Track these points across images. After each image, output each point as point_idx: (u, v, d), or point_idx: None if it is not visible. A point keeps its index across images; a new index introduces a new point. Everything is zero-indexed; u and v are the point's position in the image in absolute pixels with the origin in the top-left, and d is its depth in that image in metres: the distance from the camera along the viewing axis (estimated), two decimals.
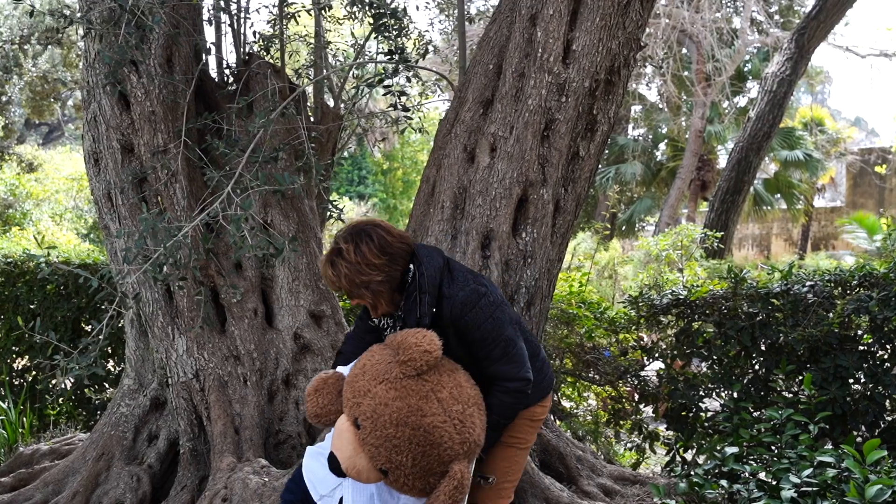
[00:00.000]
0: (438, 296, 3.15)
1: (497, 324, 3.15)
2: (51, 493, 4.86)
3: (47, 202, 18.27)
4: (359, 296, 3.17)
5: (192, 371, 4.74)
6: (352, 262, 3.08)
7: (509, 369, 3.17)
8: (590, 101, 4.72)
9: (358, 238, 3.10)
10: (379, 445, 2.88)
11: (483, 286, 3.21)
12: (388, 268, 3.11)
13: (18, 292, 6.84)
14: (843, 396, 5.14)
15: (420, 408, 2.90)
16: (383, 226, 3.19)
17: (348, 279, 3.10)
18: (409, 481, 2.92)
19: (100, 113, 4.82)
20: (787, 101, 13.13)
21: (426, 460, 2.88)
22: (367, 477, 2.95)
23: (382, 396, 2.92)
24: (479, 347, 3.17)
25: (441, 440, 2.90)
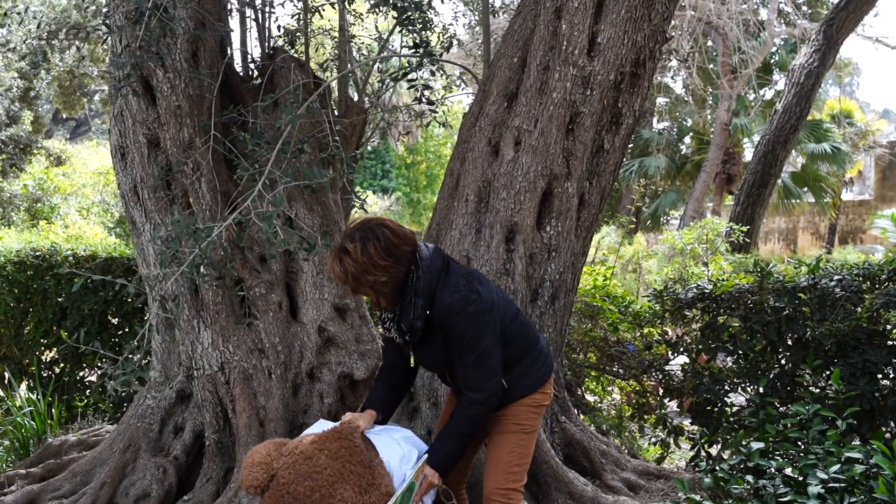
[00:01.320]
0: (433, 297, 3.27)
1: (477, 333, 3.27)
2: (79, 483, 4.91)
3: (74, 196, 18.44)
4: (363, 292, 3.33)
5: (218, 364, 4.77)
6: (358, 262, 3.19)
7: (476, 378, 3.30)
8: (615, 94, 4.71)
9: (365, 238, 3.21)
10: None
11: (474, 292, 3.30)
12: (393, 269, 3.23)
13: (46, 286, 6.92)
14: (872, 392, 5.08)
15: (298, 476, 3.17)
16: (390, 226, 3.28)
17: (354, 277, 3.23)
18: None
19: (126, 108, 4.85)
20: (815, 93, 13.00)
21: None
22: None
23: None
24: (456, 350, 3.30)
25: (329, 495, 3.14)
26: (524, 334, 3.51)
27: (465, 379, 3.33)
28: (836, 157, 20.73)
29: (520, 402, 3.47)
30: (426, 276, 3.26)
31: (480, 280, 3.42)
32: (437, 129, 28.70)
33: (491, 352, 3.30)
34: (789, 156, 15.56)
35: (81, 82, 18.59)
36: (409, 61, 4.93)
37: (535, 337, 3.59)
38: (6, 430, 6.19)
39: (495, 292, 3.45)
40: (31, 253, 7.05)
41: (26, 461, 5.58)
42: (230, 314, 4.77)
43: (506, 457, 3.48)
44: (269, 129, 4.79)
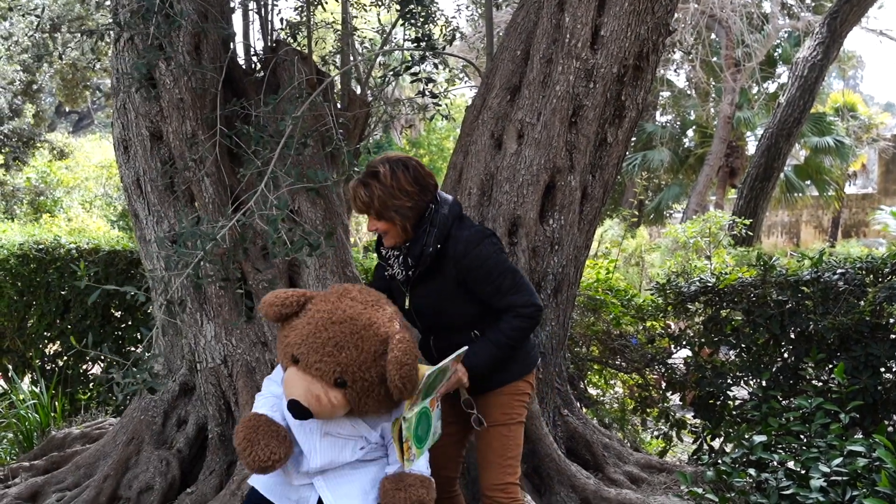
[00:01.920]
0: (447, 236, 3.31)
1: (502, 259, 3.33)
2: (82, 476, 4.92)
3: (77, 189, 18.49)
4: (388, 218, 3.30)
5: (221, 357, 4.77)
6: (386, 186, 3.24)
7: (520, 297, 3.32)
8: (618, 87, 4.71)
9: (395, 164, 3.27)
10: (322, 357, 2.95)
11: (489, 230, 3.42)
12: (418, 197, 3.29)
13: (50, 279, 6.94)
14: (875, 385, 5.09)
15: (337, 307, 3.04)
16: (417, 161, 3.37)
17: (381, 201, 3.25)
18: (364, 373, 2.96)
19: (129, 101, 4.85)
20: (819, 86, 12.96)
21: (367, 343, 2.97)
22: (329, 399, 2.95)
23: (301, 324, 3.04)
24: (485, 283, 3.30)
25: (370, 321, 3.02)
26: None
27: (509, 305, 3.31)
28: (840, 150, 20.71)
29: (503, 390, 3.46)
30: (443, 212, 3.32)
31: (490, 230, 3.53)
32: (439, 123, 28.68)
33: (519, 271, 3.37)
34: (792, 149, 15.53)
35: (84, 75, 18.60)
36: (412, 54, 4.92)
37: None
38: (10, 423, 6.21)
39: None
40: (34, 246, 7.06)
41: (30, 454, 5.60)
42: (233, 308, 4.77)
43: (497, 450, 3.47)
44: (272, 122, 4.79)
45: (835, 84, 34.34)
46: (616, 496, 4.39)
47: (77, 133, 31.29)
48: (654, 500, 4.44)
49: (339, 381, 2.96)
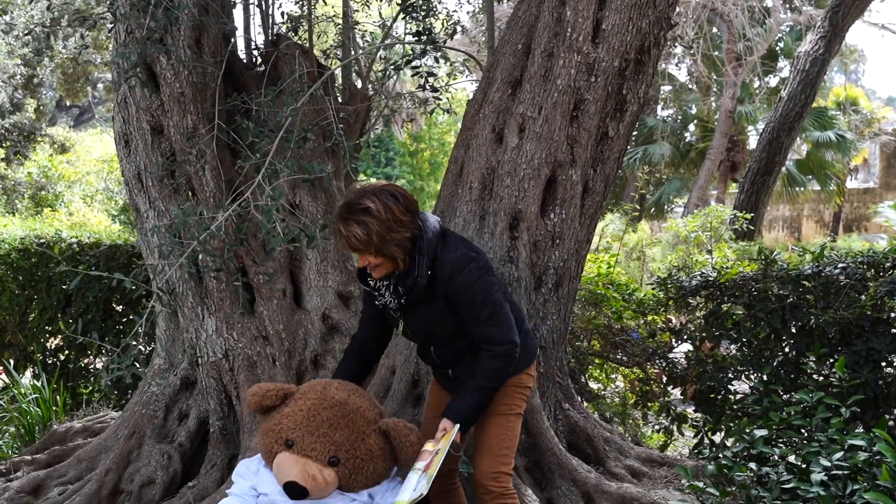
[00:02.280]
0: (433, 259, 3.28)
1: (485, 286, 3.29)
2: (84, 469, 4.94)
3: (79, 184, 18.50)
4: (387, 253, 3.26)
5: (222, 351, 4.79)
6: (382, 220, 3.16)
7: (496, 331, 3.31)
8: (619, 81, 4.70)
9: (383, 196, 3.20)
10: (317, 438, 3.24)
11: (474, 251, 3.36)
12: (412, 225, 3.26)
13: (51, 273, 6.94)
14: (876, 380, 5.09)
15: (325, 395, 3.35)
16: (397, 187, 3.31)
17: (379, 236, 3.19)
18: (355, 451, 3.26)
19: (130, 95, 4.85)
20: (820, 80, 12.94)
21: (357, 424, 3.29)
22: (323, 477, 3.20)
23: (293, 412, 3.32)
24: (467, 308, 3.31)
25: (357, 405, 3.34)
26: (514, 310, 3.53)
27: (484, 336, 3.32)
28: (841, 144, 20.68)
29: (507, 381, 3.46)
30: (428, 236, 3.28)
31: (474, 246, 3.50)
32: (440, 117, 28.69)
33: (503, 304, 3.33)
34: (794, 143, 15.52)
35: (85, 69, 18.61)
36: (413, 48, 4.92)
37: (521, 316, 3.63)
38: (11, 417, 6.23)
39: (489, 261, 3.49)
40: (35, 240, 7.07)
41: (32, 447, 5.62)
42: (234, 302, 4.78)
43: (495, 439, 3.50)
44: (272, 117, 4.79)
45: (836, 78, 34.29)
46: (617, 490, 4.39)
47: (78, 127, 31.30)
48: (654, 494, 4.40)
49: (332, 461, 3.24)
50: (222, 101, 4.81)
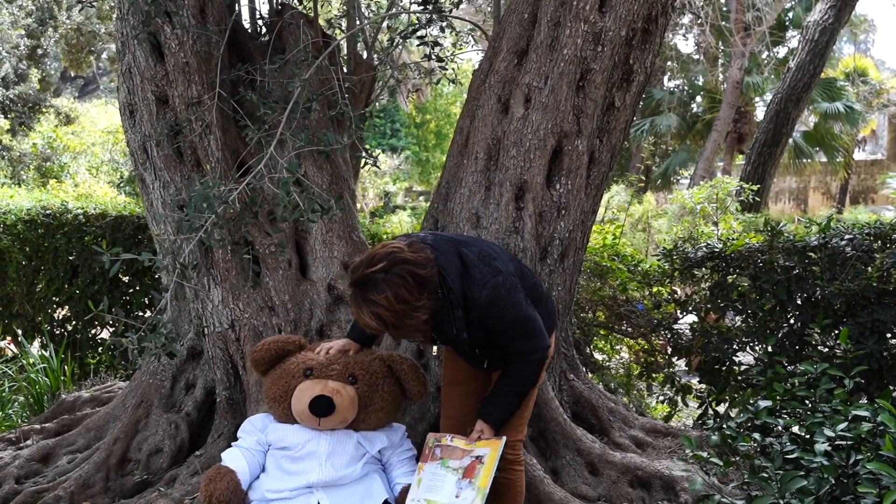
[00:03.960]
0: (464, 299, 3.18)
1: (517, 308, 3.26)
2: (93, 438, 4.99)
3: (84, 155, 18.51)
4: (410, 337, 3.35)
5: (228, 321, 4.80)
6: (395, 311, 3.02)
7: (531, 345, 3.33)
8: (626, 51, 4.68)
9: (393, 284, 3.00)
10: (332, 361, 3.56)
11: (498, 274, 3.24)
12: (429, 300, 3.09)
13: (58, 244, 6.97)
14: (880, 351, 5.10)
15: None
16: (409, 258, 3.06)
17: (394, 326, 3.09)
18: (369, 368, 3.60)
19: (134, 64, 4.83)
20: (829, 50, 12.86)
21: (365, 351, 3.71)
22: (346, 392, 3.47)
23: (304, 353, 3.72)
24: (502, 335, 3.29)
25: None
26: (534, 290, 3.53)
27: (518, 351, 3.34)
28: (850, 116, 20.57)
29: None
30: (455, 284, 3.14)
31: (493, 255, 3.34)
32: (446, 88, 28.58)
33: (534, 317, 3.32)
34: (801, 115, 15.43)
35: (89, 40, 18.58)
36: (419, 18, 4.90)
37: (537, 285, 3.62)
38: (20, 387, 6.28)
39: (503, 258, 3.43)
40: (41, 211, 7.09)
41: (41, 416, 5.67)
42: (240, 273, 4.79)
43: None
44: (277, 87, 4.78)
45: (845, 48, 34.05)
46: (621, 460, 4.44)
47: (83, 98, 31.27)
48: (658, 464, 4.46)
49: (350, 379, 3.52)
50: (226, 71, 4.80)
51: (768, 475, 3.22)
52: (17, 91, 20.78)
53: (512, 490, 3.63)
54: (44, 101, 21.91)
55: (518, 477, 3.65)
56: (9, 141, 19.22)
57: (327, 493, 3.39)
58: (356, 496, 3.43)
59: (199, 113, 4.71)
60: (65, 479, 4.55)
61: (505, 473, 3.56)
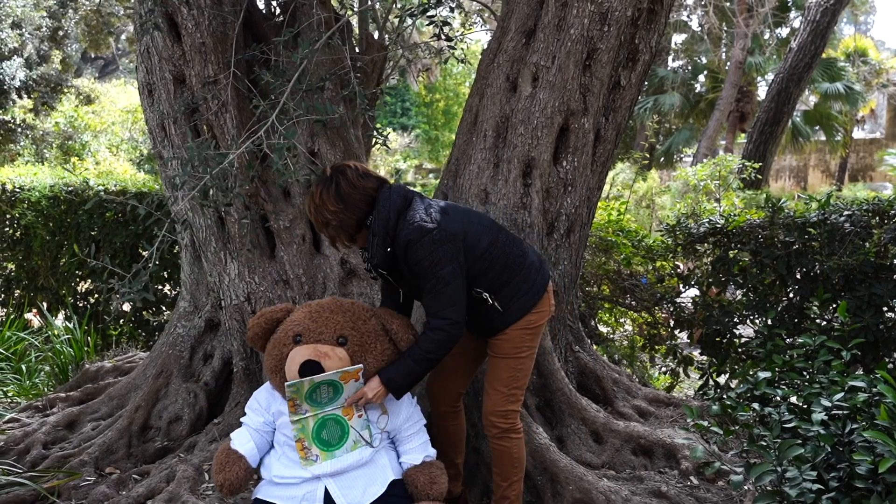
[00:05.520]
0: (394, 235, 3.40)
1: (436, 261, 3.34)
2: (115, 406, 5.11)
3: (104, 134, 18.61)
4: (323, 232, 3.54)
5: (244, 294, 4.88)
6: (316, 204, 3.46)
7: (434, 305, 3.38)
8: (632, 31, 4.72)
9: (327, 182, 3.45)
10: (323, 324, 3.45)
11: (431, 222, 3.38)
12: (344, 214, 3.43)
13: (80, 220, 7.09)
14: (877, 324, 5.18)
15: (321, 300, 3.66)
16: (348, 175, 3.46)
17: (313, 216, 3.51)
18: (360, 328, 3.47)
19: (152, 45, 4.89)
20: (830, 31, 12.87)
21: (356, 310, 3.53)
22: (335, 354, 3.37)
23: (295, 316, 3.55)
24: (417, 278, 3.42)
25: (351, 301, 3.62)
26: (505, 256, 3.55)
27: (426, 306, 3.42)
28: (849, 96, 20.55)
29: (514, 326, 3.57)
30: (381, 216, 3.39)
31: (445, 211, 3.48)
32: (455, 68, 28.50)
33: (449, 280, 3.35)
34: (802, 94, 15.44)
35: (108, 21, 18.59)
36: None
37: (520, 255, 3.61)
38: (46, 357, 6.42)
39: (463, 221, 3.49)
40: (64, 188, 7.20)
41: (66, 385, 5.79)
42: (255, 246, 4.89)
43: (505, 380, 3.62)
44: (290, 66, 4.85)
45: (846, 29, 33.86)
46: (624, 428, 4.53)
47: (103, 79, 31.25)
48: (661, 433, 4.52)
49: (340, 340, 3.42)
50: (242, 51, 4.86)
51: (767, 443, 3.29)
52: (39, 72, 20.79)
53: (508, 458, 3.70)
54: (65, 81, 21.89)
55: (514, 445, 3.69)
56: (32, 120, 19.30)
57: (335, 480, 3.40)
58: (362, 480, 3.43)
59: (215, 92, 4.77)
60: (89, 444, 4.68)
61: (500, 441, 3.67)
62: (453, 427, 3.91)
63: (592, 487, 3.94)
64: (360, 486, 3.40)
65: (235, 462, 3.39)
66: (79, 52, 28.23)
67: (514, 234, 3.74)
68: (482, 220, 3.63)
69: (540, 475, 4.13)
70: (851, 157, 27.97)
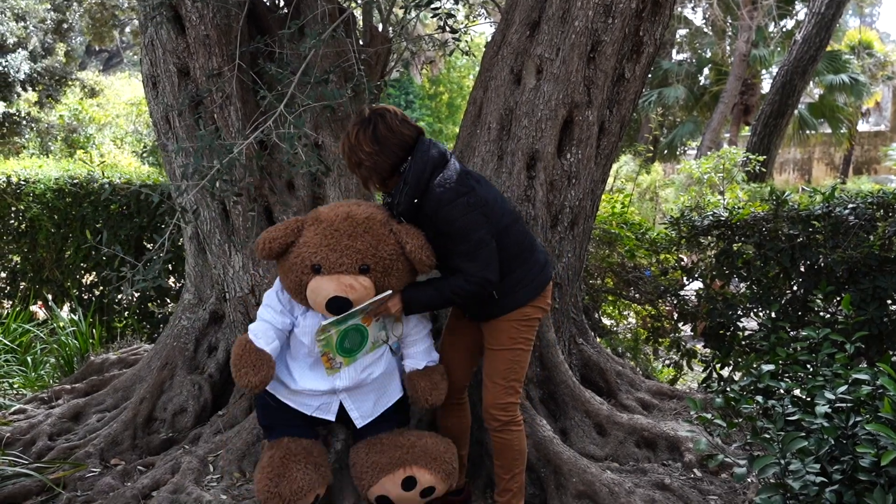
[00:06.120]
0: (425, 188, 3.41)
1: (470, 223, 3.40)
2: (120, 398, 5.13)
3: (109, 126, 18.67)
4: (356, 172, 3.56)
5: (248, 286, 4.88)
6: (351, 144, 3.49)
7: (471, 267, 3.43)
8: (636, 23, 4.71)
9: (365, 123, 3.47)
10: (342, 252, 3.41)
11: (466, 186, 3.43)
12: (378, 157, 3.44)
13: (85, 212, 7.12)
14: (881, 317, 5.18)
15: (334, 214, 3.53)
16: (387, 118, 3.47)
17: (346, 156, 3.54)
18: (380, 253, 3.44)
19: (156, 37, 4.90)
20: (836, 23, 12.83)
21: (374, 229, 3.46)
22: (360, 284, 3.39)
23: (309, 239, 3.48)
24: (449, 240, 3.45)
25: (366, 212, 3.51)
26: (518, 243, 3.60)
27: (460, 269, 3.47)
28: (854, 88, 20.48)
29: (509, 316, 3.60)
30: (416, 167, 3.41)
31: (478, 179, 3.55)
32: (459, 61, 28.47)
33: (486, 242, 3.43)
34: (807, 87, 15.40)
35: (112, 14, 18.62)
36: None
37: (529, 247, 3.67)
38: (52, 349, 6.45)
39: (493, 194, 3.56)
40: (69, 181, 7.23)
41: (71, 377, 5.82)
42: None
43: (502, 372, 3.64)
44: (294, 57, 4.85)
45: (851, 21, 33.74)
46: (628, 421, 4.54)
47: (107, 72, 31.29)
48: (664, 425, 4.53)
49: (363, 268, 3.42)
50: (246, 44, 4.86)
51: (770, 436, 3.28)
52: (44, 64, 20.83)
53: (509, 450, 3.73)
54: (70, 74, 21.93)
55: (515, 437, 3.72)
56: (37, 113, 19.35)
57: (350, 395, 3.64)
58: (373, 395, 3.69)
59: (219, 84, 4.78)
60: (94, 436, 4.71)
61: (501, 434, 3.69)
62: (457, 420, 3.93)
63: (596, 480, 3.95)
64: (371, 400, 3.68)
65: (266, 362, 3.45)
66: (83, 45, 28.30)
67: (528, 229, 3.78)
68: (506, 204, 3.68)
69: (543, 467, 4.14)
70: (856, 150, 27.90)
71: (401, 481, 3.54)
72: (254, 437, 4.34)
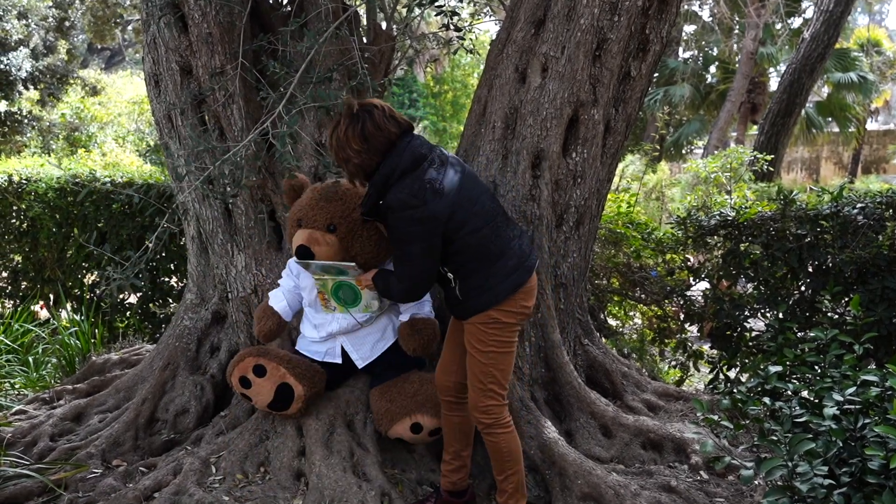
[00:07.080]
0: (389, 191, 3.46)
1: (406, 236, 3.44)
2: (122, 399, 5.11)
3: (111, 125, 18.71)
4: (343, 167, 3.62)
5: (251, 286, 4.88)
6: (339, 140, 3.52)
7: (398, 272, 3.60)
8: (642, 21, 4.68)
9: (353, 120, 3.49)
10: (316, 211, 3.98)
11: (419, 199, 3.37)
12: (365, 155, 3.50)
13: (86, 211, 7.09)
14: (890, 317, 5.15)
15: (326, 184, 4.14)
16: (375, 116, 3.49)
17: (334, 150, 3.59)
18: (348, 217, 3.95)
19: (159, 36, 4.89)
20: (844, 20, 12.75)
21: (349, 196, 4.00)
22: (325, 240, 3.92)
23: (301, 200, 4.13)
24: (390, 240, 3.74)
25: (348, 187, 4.03)
26: (480, 247, 3.50)
27: (394, 266, 3.66)
28: (863, 86, 20.41)
29: (475, 319, 3.55)
30: (385, 170, 3.46)
31: (440, 191, 3.41)
32: (463, 59, 28.47)
33: (415, 259, 3.46)
34: (815, 85, 15.34)
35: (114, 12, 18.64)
36: None
37: (498, 252, 3.55)
38: (53, 349, 6.44)
39: (454, 205, 3.43)
40: (71, 180, 7.21)
41: (73, 378, 5.80)
42: (262, 239, 4.88)
43: (477, 374, 3.61)
44: (297, 56, 4.83)
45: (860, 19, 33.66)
46: (634, 422, 4.50)
47: (109, 70, 31.40)
48: (670, 427, 4.51)
49: (330, 228, 3.95)
50: (249, 42, 4.85)
51: (777, 438, 3.26)
52: (45, 62, 20.84)
53: (498, 451, 3.70)
54: (71, 72, 21.96)
55: (501, 439, 3.67)
56: (38, 111, 19.37)
57: (348, 339, 4.25)
58: (371, 338, 4.27)
59: (222, 83, 4.76)
60: (96, 437, 4.69)
61: (487, 436, 3.68)
62: (459, 419, 3.90)
63: (601, 482, 3.92)
64: (369, 343, 4.26)
65: (270, 317, 4.21)
66: (85, 43, 28.35)
67: (507, 231, 3.64)
68: (480, 208, 3.56)
69: (548, 469, 4.11)
70: (864, 149, 27.81)
71: (409, 427, 4.07)
72: (256, 438, 4.32)
